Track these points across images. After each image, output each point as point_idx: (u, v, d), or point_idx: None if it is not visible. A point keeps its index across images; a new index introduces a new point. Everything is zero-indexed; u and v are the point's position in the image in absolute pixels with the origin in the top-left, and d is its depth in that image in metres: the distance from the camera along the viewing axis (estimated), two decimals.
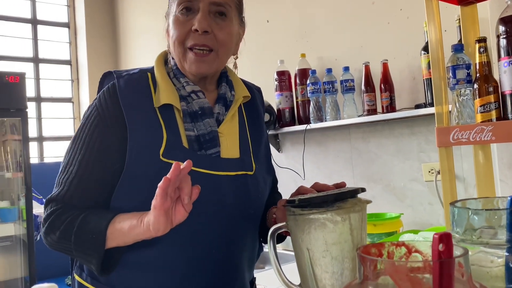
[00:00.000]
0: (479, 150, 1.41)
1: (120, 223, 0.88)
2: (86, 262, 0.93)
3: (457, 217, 0.80)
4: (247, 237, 1.03)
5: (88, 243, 0.89)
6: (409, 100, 2.07)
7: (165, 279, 0.95)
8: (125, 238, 0.88)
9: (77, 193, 0.94)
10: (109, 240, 0.89)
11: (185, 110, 0.99)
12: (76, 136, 0.98)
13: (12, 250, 3.06)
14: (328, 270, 0.86)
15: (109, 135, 0.96)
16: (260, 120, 1.14)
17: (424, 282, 0.58)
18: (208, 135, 0.98)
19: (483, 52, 1.23)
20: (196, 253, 0.96)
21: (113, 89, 0.97)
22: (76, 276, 1.04)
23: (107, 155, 0.95)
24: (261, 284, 1.91)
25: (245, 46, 1.17)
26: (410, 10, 2.05)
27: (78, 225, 0.91)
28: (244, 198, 0.99)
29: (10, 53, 3.75)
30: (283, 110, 2.43)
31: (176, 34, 0.97)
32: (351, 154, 2.30)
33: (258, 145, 1.09)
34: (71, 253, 0.93)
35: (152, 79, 1.01)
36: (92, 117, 0.97)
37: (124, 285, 0.97)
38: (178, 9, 0.98)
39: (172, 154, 0.94)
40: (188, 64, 0.98)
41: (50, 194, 0.96)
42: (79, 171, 0.94)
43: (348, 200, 0.87)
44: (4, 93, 2.86)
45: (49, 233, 0.94)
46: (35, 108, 3.83)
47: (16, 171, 3.10)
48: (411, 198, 2.07)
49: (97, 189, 0.96)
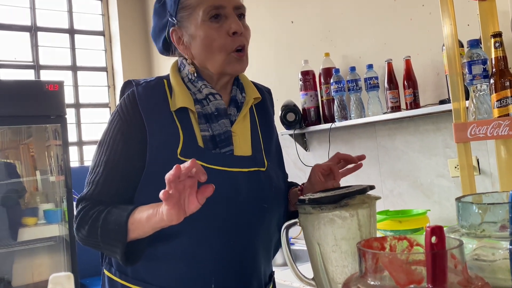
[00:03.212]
0: (501, 145, 1.40)
1: (139, 213, 0.94)
2: (111, 253, 1.00)
3: (462, 211, 0.82)
4: (261, 229, 1.08)
5: (113, 234, 0.96)
6: (433, 96, 2.06)
7: (186, 270, 1.02)
8: (144, 228, 0.93)
9: (104, 190, 1.02)
10: (131, 231, 0.95)
11: (200, 112, 1.06)
12: (101, 141, 1.06)
13: (56, 250, 3.23)
14: (338, 264, 0.90)
15: (130, 137, 1.03)
16: (270, 120, 1.20)
17: (418, 273, 0.61)
18: (224, 135, 1.05)
19: (499, 46, 1.23)
20: (215, 244, 1.02)
21: (132, 96, 1.05)
22: (106, 271, 1.12)
23: (129, 155, 1.03)
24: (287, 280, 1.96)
25: (270, 47, 1.24)
26: (432, 5, 2.04)
27: (103, 218, 0.99)
28: (257, 192, 1.05)
29: (50, 63, 3.95)
30: (308, 110, 2.47)
31: (216, 42, 1.02)
32: (377, 151, 2.31)
33: (269, 143, 1.15)
34: (99, 246, 1.00)
35: (168, 85, 1.09)
36: (115, 122, 1.06)
37: (151, 277, 1.04)
38: (207, 18, 1.02)
39: (188, 153, 1.01)
40: (230, 67, 1.05)
41: (81, 194, 1.05)
42: (105, 170, 1.03)
43: (356, 197, 0.90)
44: (45, 101, 3.03)
45: (80, 228, 1.02)
46: (74, 114, 4.01)
47: (58, 175, 3.26)
48: (438, 194, 2.06)
49: (122, 185, 1.03)
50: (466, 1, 1.84)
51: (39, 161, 3.38)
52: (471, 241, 0.78)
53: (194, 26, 1.04)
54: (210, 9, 1.02)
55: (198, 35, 1.04)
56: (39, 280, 3.18)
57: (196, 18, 1.03)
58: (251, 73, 3.15)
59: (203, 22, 1.02)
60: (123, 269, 1.07)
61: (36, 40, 3.84)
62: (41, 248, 3.15)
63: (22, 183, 3.30)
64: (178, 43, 1.08)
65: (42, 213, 3.28)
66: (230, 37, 1.03)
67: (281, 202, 1.13)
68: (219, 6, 1.02)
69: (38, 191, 3.37)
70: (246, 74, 1.17)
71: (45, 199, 3.36)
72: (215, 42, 1.02)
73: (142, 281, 1.05)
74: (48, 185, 3.36)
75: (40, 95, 3.00)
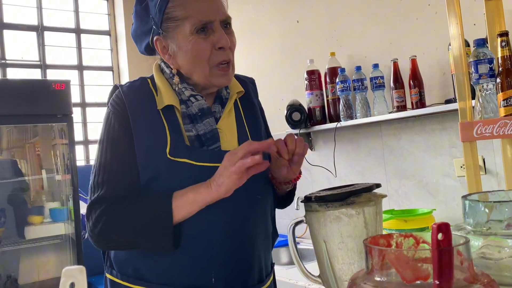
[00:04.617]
0: (507, 144, 1.40)
1: (182, 196, 0.98)
2: (156, 243, 0.99)
3: (468, 209, 0.82)
4: (257, 220, 1.10)
5: (156, 222, 0.97)
6: (439, 95, 2.06)
7: (186, 265, 1.03)
8: (191, 207, 0.98)
9: (118, 186, 1.02)
10: (175, 213, 0.97)
11: (185, 113, 1.08)
12: (102, 139, 1.07)
13: (62, 248, 3.25)
14: (344, 261, 0.90)
15: (124, 137, 1.05)
16: (255, 111, 1.21)
17: (424, 269, 0.61)
18: (209, 133, 1.07)
19: (505, 46, 1.23)
20: (214, 238, 1.03)
21: (119, 96, 1.08)
22: (108, 275, 1.12)
23: (128, 154, 1.04)
24: (293, 279, 1.97)
25: (276, 46, 1.25)
26: (438, 5, 2.04)
27: (138, 209, 0.99)
28: (250, 185, 1.05)
29: (56, 62, 3.97)
30: (314, 109, 2.47)
31: (202, 55, 1.04)
32: (383, 151, 2.31)
33: (256, 135, 1.16)
34: (135, 243, 1.00)
35: (152, 84, 1.11)
36: (111, 119, 1.07)
37: (152, 275, 1.04)
38: (193, 30, 1.03)
39: (177, 152, 1.02)
40: (215, 79, 1.06)
41: (91, 199, 1.03)
42: (114, 167, 1.03)
43: (362, 195, 0.91)
44: (51, 100, 3.05)
45: (106, 232, 1.00)
46: (80, 113, 4.03)
47: (64, 173, 3.28)
48: (444, 194, 2.05)
49: (134, 177, 1.03)
50: (472, 0, 1.84)
51: (45, 160, 3.40)
52: (477, 239, 0.78)
53: (181, 38, 1.05)
54: (197, 23, 1.03)
55: (185, 47, 1.04)
56: (45, 278, 3.20)
57: (183, 30, 1.04)
58: (257, 72, 3.17)
59: (190, 34, 1.03)
60: (124, 270, 1.08)
61: (42, 39, 3.87)
62: (47, 246, 3.17)
63: (28, 181, 3.32)
64: (163, 52, 1.09)
65: (48, 211, 3.30)
66: (216, 50, 1.04)
67: (271, 191, 1.16)
68: (207, 21, 1.03)
69: (44, 189, 3.40)
70: (252, 72, 1.18)
71: (51, 197, 3.38)
72: (201, 55, 1.04)
73: (143, 280, 1.05)
74: (54, 183, 3.38)
75: (47, 94, 3.02)
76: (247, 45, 3.14)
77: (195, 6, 1.03)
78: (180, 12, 1.03)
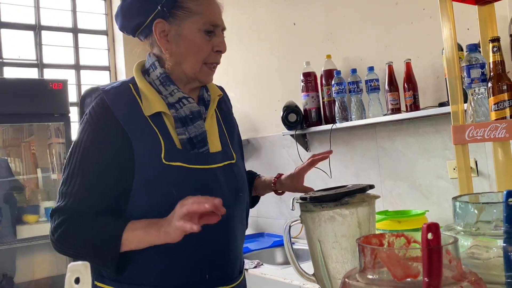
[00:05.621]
0: (499, 147, 1.43)
1: (133, 231, 0.99)
2: (101, 266, 1.04)
3: (458, 210, 0.84)
4: (238, 215, 1.17)
5: (105, 248, 1.00)
6: (433, 98, 2.09)
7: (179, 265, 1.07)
8: (139, 243, 1.00)
9: (83, 202, 1.03)
10: (124, 246, 1.00)
11: (176, 117, 1.10)
12: (73, 151, 1.06)
13: None
14: (338, 260, 0.93)
15: (106, 146, 1.05)
16: (230, 114, 1.30)
17: (414, 267, 0.64)
18: (200, 136, 1.11)
19: (497, 51, 1.26)
20: (205, 237, 1.05)
21: (103, 103, 1.07)
22: (98, 283, 1.12)
23: (105, 165, 1.04)
24: (288, 278, 1.99)
25: (273, 48, 1.34)
26: (433, 9, 2.07)
27: (92, 231, 1.02)
28: (233, 183, 1.14)
29: (53, 61, 3.98)
30: (310, 110, 2.50)
31: (202, 53, 1.12)
32: (377, 152, 2.34)
33: (232, 137, 1.25)
34: (84, 258, 1.01)
35: (135, 90, 1.11)
36: (86, 132, 1.06)
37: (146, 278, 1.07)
38: (203, 29, 1.11)
39: (171, 156, 1.06)
40: (202, 75, 1.14)
41: (56, 205, 1.05)
42: (82, 181, 1.03)
43: (356, 195, 0.93)
44: (49, 99, 3.06)
45: (62, 241, 1.03)
46: (77, 113, 4.04)
47: (60, 172, 3.29)
48: (437, 196, 2.09)
49: (101, 196, 1.05)
50: (466, 6, 1.87)
51: (40, 159, 3.40)
52: (467, 239, 0.81)
53: (188, 28, 1.10)
54: (208, 23, 1.11)
55: (190, 39, 1.10)
56: (41, 277, 3.20)
57: (193, 23, 1.10)
58: (253, 73, 3.19)
59: (199, 31, 1.10)
60: (118, 277, 1.08)
61: (40, 38, 3.87)
62: (43, 245, 3.18)
63: (21, 180, 3.32)
64: (161, 36, 1.11)
65: (44, 210, 3.30)
66: (213, 52, 1.13)
67: (247, 189, 1.23)
68: (215, 24, 1.12)
69: (39, 188, 3.40)
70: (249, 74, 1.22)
71: (46, 196, 3.39)
72: (200, 53, 1.12)
73: (136, 284, 1.07)
74: (49, 182, 3.39)
75: (44, 93, 3.03)
76: (244, 46, 3.17)
77: (208, 7, 1.12)
78: (193, 6, 1.10)
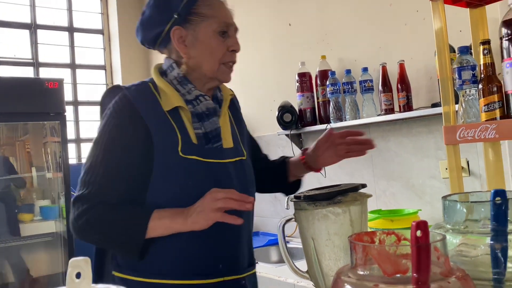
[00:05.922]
0: (489, 148, 1.45)
1: (159, 220, 1.06)
2: (125, 252, 1.10)
3: (447, 209, 0.87)
4: (249, 212, 1.20)
5: (130, 235, 1.06)
6: (426, 99, 2.12)
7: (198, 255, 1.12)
8: (164, 231, 1.06)
9: (105, 191, 1.08)
10: (149, 233, 1.05)
11: (193, 112, 1.17)
12: (97, 141, 1.13)
13: (54, 246, 3.26)
14: (331, 258, 0.95)
15: (129, 140, 1.11)
16: (239, 114, 1.35)
17: (403, 264, 0.66)
18: (215, 131, 1.17)
19: (487, 53, 1.28)
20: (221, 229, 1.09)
21: (125, 99, 1.14)
22: (117, 273, 1.16)
23: (128, 156, 1.11)
24: (282, 276, 2.01)
25: (268, 49, 1.39)
26: (426, 11, 2.09)
27: (119, 219, 1.07)
28: (244, 178, 1.20)
29: (49, 60, 3.98)
30: (305, 110, 2.52)
31: (218, 53, 1.18)
32: (371, 152, 2.35)
33: (242, 135, 1.30)
34: (108, 244, 1.10)
35: (154, 88, 1.18)
36: (111, 124, 1.12)
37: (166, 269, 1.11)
38: (217, 30, 1.17)
39: (187, 150, 1.12)
40: (221, 75, 1.20)
41: (79, 193, 1.09)
42: (105, 171, 1.09)
43: (348, 194, 0.96)
44: (44, 98, 3.06)
45: (86, 228, 1.07)
46: (72, 112, 4.04)
47: (56, 171, 3.29)
48: (429, 195, 2.11)
49: (124, 186, 1.11)
50: (459, 8, 1.89)
51: (35, 157, 3.40)
52: (455, 237, 0.83)
53: (203, 32, 1.16)
54: (222, 24, 1.17)
55: (206, 41, 1.17)
56: (37, 276, 3.21)
57: (208, 26, 1.16)
58: (249, 73, 3.20)
59: (213, 33, 1.17)
60: (136, 267, 1.12)
61: (35, 37, 3.87)
62: (38, 243, 3.19)
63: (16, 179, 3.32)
64: (179, 42, 1.17)
65: (39, 209, 3.31)
66: (229, 52, 1.19)
67: (255, 185, 1.27)
68: (229, 24, 1.19)
69: (34, 187, 3.40)
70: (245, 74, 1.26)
71: (41, 195, 3.39)
72: (217, 53, 1.18)
73: (153, 273, 1.11)
74: (44, 181, 3.39)
75: (40, 92, 3.03)
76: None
77: (220, 9, 1.19)
78: (207, 10, 1.17)
